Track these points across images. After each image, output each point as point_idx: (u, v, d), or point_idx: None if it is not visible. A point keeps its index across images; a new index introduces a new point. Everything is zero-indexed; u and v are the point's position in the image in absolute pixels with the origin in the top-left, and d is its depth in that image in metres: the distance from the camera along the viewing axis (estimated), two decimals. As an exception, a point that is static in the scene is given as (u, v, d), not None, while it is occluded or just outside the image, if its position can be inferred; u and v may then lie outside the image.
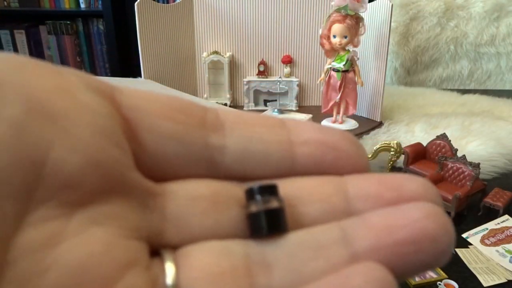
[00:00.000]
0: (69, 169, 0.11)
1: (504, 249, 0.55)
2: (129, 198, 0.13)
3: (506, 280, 0.50)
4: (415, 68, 1.58)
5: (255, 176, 0.15)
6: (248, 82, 1.10)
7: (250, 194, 0.14)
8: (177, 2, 1.06)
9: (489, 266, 0.52)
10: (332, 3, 0.90)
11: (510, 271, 0.51)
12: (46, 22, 1.98)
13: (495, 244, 0.56)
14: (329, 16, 0.90)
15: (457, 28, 1.51)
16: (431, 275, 0.51)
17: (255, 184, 0.14)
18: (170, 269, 0.13)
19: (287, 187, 0.14)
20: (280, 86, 1.02)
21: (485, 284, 0.49)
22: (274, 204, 0.14)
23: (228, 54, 1.10)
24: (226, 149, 0.14)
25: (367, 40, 0.99)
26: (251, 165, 0.15)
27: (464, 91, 1.29)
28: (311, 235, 0.14)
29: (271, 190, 0.14)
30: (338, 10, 0.89)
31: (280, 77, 1.07)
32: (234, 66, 1.14)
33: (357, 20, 0.89)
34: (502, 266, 0.52)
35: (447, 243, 0.13)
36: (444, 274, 0.51)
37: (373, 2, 0.97)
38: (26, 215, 0.11)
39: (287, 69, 1.12)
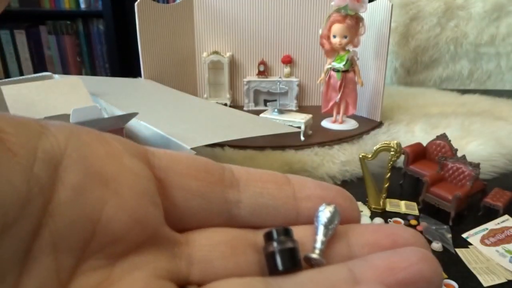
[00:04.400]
0: (117, 225, 0.13)
1: (504, 249, 0.55)
2: (160, 248, 0.15)
3: (506, 280, 0.50)
4: (415, 68, 1.58)
5: (266, 226, 0.17)
6: (248, 82, 1.10)
7: (268, 236, 0.16)
8: (177, 2, 1.06)
9: (489, 266, 0.52)
10: (332, 3, 0.90)
11: (510, 271, 0.51)
12: (46, 22, 1.98)
13: (495, 244, 0.56)
14: (329, 16, 0.90)
15: (457, 28, 1.51)
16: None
17: (273, 228, 0.16)
18: None
19: (296, 232, 0.16)
20: (280, 86, 1.02)
21: (485, 284, 0.49)
22: (289, 244, 0.16)
23: (228, 54, 1.10)
24: (242, 203, 0.17)
25: (367, 40, 0.99)
26: (262, 217, 0.17)
27: (464, 91, 1.29)
28: (322, 273, 0.15)
29: (286, 233, 0.16)
30: (338, 10, 0.89)
31: (280, 77, 1.07)
32: (234, 66, 1.14)
33: (357, 20, 0.89)
34: (502, 266, 0.52)
35: (438, 284, 0.14)
36: (444, 274, 0.51)
37: (373, 2, 0.97)
38: (79, 265, 0.13)
39: (287, 69, 1.12)
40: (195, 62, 1.13)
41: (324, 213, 0.16)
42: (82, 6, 1.99)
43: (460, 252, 0.55)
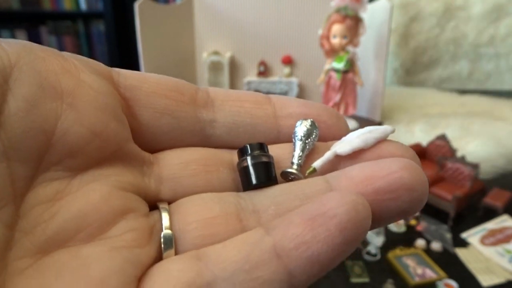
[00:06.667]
0: (73, 138, 0.13)
1: (504, 249, 0.55)
2: (126, 164, 0.14)
3: (505, 280, 0.50)
4: (414, 68, 1.58)
5: None
6: (248, 82, 1.10)
7: (242, 152, 0.16)
8: (177, 2, 1.06)
9: (488, 266, 0.52)
10: (332, 3, 0.90)
11: (509, 271, 0.51)
12: (47, 23, 1.98)
13: (494, 244, 0.57)
14: (329, 17, 0.91)
15: (456, 28, 1.51)
16: (430, 275, 0.51)
17: (247, 143, 0.16)
18: (165, 216, 0.14)
19: (276, 150, 0.16)
20: (280, 86, 1.02)
21: (484, 284, 0.49)
22: (263, 158, 0.15)
23: (228, 54, 1.10)
24: (216, 123, 0.16)
25: (367, 40, 0.99)
26: (240, 137, 0.16)
27: (464, 92, 1.29)
28: (297, 186, 0.15)
29: (261, 148, 0.15)
30: (338, 11, 0.89)
31: (280, 78, 1.07)
32: (234, 66, 1.14)
33: (357, 20, 0.90)
34: (501, 266, 0.52)
35: (422, 192, 0.14)
36: (444, 274, 0.51)
37: (372, 3, 0.97)
38: (36, 176, 0.13)
39: (287, 69, 1.12)
40: (195, 62, 1.14)
41: (301, 127, 0.16)
42: (83, 6, 1.99)
43: (460, 252, 0.55)
